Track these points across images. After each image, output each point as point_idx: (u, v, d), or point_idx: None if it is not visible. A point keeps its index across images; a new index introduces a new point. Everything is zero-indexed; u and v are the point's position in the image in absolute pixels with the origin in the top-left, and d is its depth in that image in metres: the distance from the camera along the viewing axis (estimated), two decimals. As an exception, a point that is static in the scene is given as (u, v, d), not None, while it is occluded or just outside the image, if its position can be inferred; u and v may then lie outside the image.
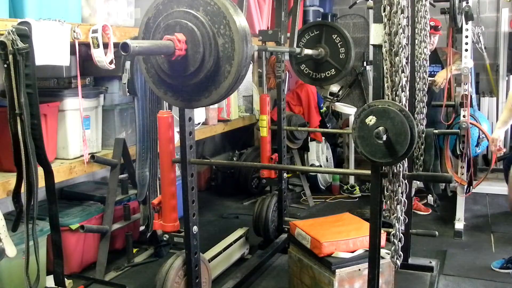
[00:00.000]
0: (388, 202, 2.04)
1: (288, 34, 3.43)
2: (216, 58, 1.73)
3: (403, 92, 1.93)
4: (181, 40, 1.72)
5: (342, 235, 2.70)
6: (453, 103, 3.87)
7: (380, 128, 1.84)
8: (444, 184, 4.72)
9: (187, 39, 1.74)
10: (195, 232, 2.39)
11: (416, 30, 2.89)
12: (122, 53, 1.53)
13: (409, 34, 1.94)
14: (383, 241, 2.60)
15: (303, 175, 5.02)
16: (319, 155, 5.10)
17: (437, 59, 4.41)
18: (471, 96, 3.94)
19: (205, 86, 1.80)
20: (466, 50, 3.77)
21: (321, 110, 5.15)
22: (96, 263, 3.18)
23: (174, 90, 1.91)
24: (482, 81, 5.66)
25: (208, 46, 1.72)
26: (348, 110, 5.32)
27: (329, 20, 5.74)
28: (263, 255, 3.36)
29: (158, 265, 2.86)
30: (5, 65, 2.03)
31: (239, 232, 3.49)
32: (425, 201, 4.70)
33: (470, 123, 3.83)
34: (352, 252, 2.65)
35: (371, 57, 5.60)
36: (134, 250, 3.52)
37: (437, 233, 3.20)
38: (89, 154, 2.95)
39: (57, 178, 2.54)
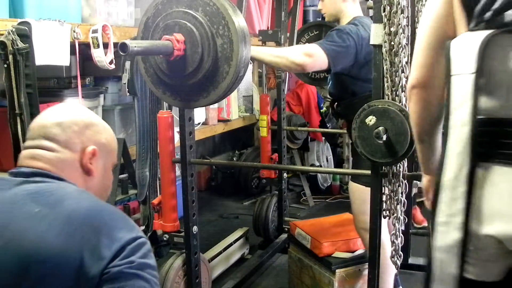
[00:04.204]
0: (388, 202, 2.04)
1: (288, 34, 3.43)
2: (214, 59, 1.73)
3: (403, 92, 1.93)
4: (180, 40, 1.72)
5: (342, 235, 2.70)
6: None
7: (380, 128, 1.84)
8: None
9: (185, 39, 1.73)
10: (195, 232, 2.39)
11: (416, 30, 2.88)
12: (121, 53, 1.53)
13: (409, 34, 1.94)
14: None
15: (303, 175, 5.02)
16: (319, 155, 5.09)
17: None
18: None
19: (203, 86, 1.80)
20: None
21: (321, 110, 5.15)
22: (96, 263, 3.17)
23: (172, 90, 1.91)
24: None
25: (206, 46, 1.72)
26: (348, 110, 5.31)
27: (329, 20, 5.72)
28: (263, 255, 3.36)
29: (158, 265, 2.84)
30: (5, 65, 2.03)
31: (239, 232, 3.49)
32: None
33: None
34: (352, 252, 2.65)
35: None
36: (134, 250, 3.51)
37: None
38: (89, 154, 2.94)
39: (57, 178, 2.53)
